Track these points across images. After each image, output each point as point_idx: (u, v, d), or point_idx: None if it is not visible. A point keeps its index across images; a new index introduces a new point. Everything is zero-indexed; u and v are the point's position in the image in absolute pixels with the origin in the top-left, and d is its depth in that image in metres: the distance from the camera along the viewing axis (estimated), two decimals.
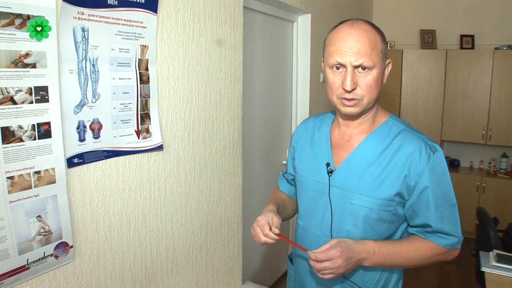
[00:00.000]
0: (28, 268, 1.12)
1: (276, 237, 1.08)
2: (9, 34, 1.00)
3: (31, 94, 1.07)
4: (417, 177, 1.04)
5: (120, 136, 1.37)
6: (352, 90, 1.01)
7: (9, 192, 1.05)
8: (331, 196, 1.13)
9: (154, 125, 1.49)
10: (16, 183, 1.06)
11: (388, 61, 1.09)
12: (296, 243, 1.23)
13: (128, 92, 1.38)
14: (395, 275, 1.19)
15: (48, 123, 1.12)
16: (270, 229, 1.09)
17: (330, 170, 1.13)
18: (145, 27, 1.40)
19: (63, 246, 1.21)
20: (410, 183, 1.05)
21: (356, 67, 1.00)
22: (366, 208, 1.08)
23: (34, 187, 1.11)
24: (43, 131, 1.11)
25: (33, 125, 1.08)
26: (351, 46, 0.99)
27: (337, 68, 1.03)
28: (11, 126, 1.04)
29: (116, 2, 1.28)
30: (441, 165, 1.06)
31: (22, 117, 1.06)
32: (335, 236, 1.12)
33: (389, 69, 1.10)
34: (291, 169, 1.33)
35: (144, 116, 1.45)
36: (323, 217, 1.15)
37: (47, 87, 1.10)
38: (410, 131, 1.09)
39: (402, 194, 1.06)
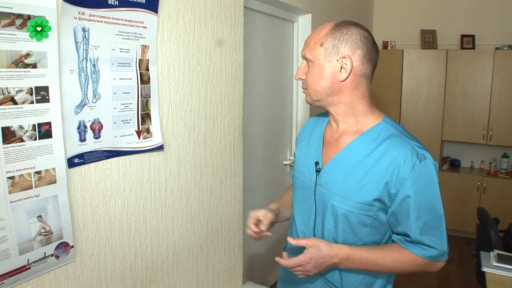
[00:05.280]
0: (29, 268, 1.12)
1: (256, 229, 1.21)
2: (10, 34, 1.00)
3: (31, 94, 1.07)
4: (399, 184, 1.01)
5: (120, 136, 1.37)
6: (299, 79, 1.13)
7: (9, 192, 1.05)
8: (316, 195, 1.15)
9: (154, 125, 1.49)
10: (16, 183, 1.06)
11: (340, 56, 1.04)
12: (288, 236, 1.28)
13: (129, 92, 1.38)
14: (380, 279, 1.16)
15: (49, 123, 1.12)
16: (260, 223, 1.21)
17: (318, 169, 1.15)
18: (146, 27, 1.40)
19: (64, 246, 1.21)
20: (392, 190, 1.02)
21: (305, 59, 1.12)
22: (345, 210, 1.08)
23: (35, 187, 1.11)
24: (44, 131, 1.11)
25: (34, 125, 1.08)
26: (306, 40, 1.13)
27: None
28: (12, 126, 1.04)
29: (117, 2, 1.28)
30: (429, 174, 1.01)
31: (23, 117, 1.06)
32: (318, 234, 1.15)
33: (348, 64, 1.04)
34: None
35: (144, 116, 1.45)
36: (309, 215, 1.18)
37: (47, 87, 1.10)
38: (399, 136, 1.06)
39: (383, 200, 1.04)
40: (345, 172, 1.09)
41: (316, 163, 1.15)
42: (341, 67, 1.05)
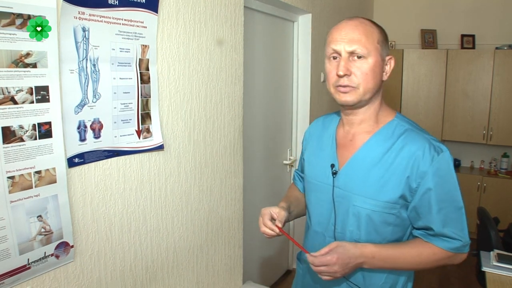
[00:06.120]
0: (29, 268, 1.12)
1: (275, 229, 1.11)
2: (10, 34, 1.00)
3: (31, 94, 1.07)
4: (419, 178, 1.02)
5: (120, 136, 1.37)
6: (345, 75, 1.02)
7: (9, 192, 1.05)
8: (334, 198, 1.12)
9: (154, 125, 1.49)
10: (16, 183, 1.06)
11: (389, 57, 1.08)
12: (303, 243, 1.23)
13: (129, 92, 1.38)
14: (403, 278, 1.16)
15: (49, 123, 1.12)
16: (272, 221, 1.13)
17: (334, 171, 1.13)
18: (146, 27, 1.40)
19: (64, 246, 1.21)
20: (413, 184, 1.03)
21: (350, 54, 1.02)
22: (368, 210, 1.06)
23: (35, 187, 1.11)
24: (44, 131, 1.11)
25: (34, 125, 1.08)
26: (346, 33, 1.03)
27: (334, 58, 1.05)
28: (12, 126, 1.04)
29: (117, 2, 1.28)
30: (447, 166, 1.02)
31: (23, 117, 1.06)
32: (339, 237, 1.12)
33: (391, 66, 1.09)
34: (302, 169, 1.35)
35: (144, 116, 1.45)
36: (328, 218, 1.15)
37: (47, 87, 1.10)
38: (414, 131, 1.07)
39: (405, 196, 1.04)
40: (365, 171, 1.07)
41: (332, 165, 1.13)
42: (385, 66, 1.08)
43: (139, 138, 1.44)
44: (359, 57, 1.02)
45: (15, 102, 1.04)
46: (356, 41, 1.01)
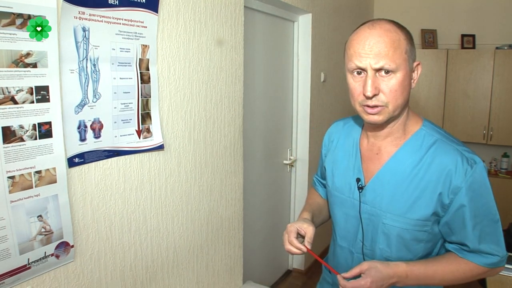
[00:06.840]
0: (29, 267, 1.12)
1: (303, 248, 1.04)
2: (10, 34, 1.00)
3: (32, 93, 1.07)
4: (452, 194, 0.95)
5: (121, 135, 1.37)
6: (374, 96, 0.92)
7: (10, 192, 1.05)
8: (361, 214, 1.07)
9: (155, 124, 1.49)
10: (17, 183, 1.06)
11: (416, 63, 0.98)
12: (328, 257, 1.19)
13: (129, 92, 1.38)
14: None
15: (49, 123, 1.12)
16: (297, 238, 1.06)
17: (360, 186, 1.07)
18: (146, 27, 1.40)
19: (64, 246, 1.21)
20: (445, 201, 0.96)
21: (377, 70, 0.92)
22: (399, 228, 1.01)
23: (35, 186, 1.11)
24: (44, 130, 1.11)
25: (34, 124, 1.08)
26: (371, 47, 0.91)
27: (358, 73, 0.95)
28: (12, 126, 1.04)
29: (117, 2, 1.28)
30: (481, 179, 0.95)
31: (23, 116, 1.06)
32: (368, 254, 1.08)
33: (419, 72, 0.99)
34: (322, 175, 1.29)
35: (145, 116, 1.45)
36: (355, 234, 1.10)
37: (48, 86, 1.10)
38: (445, 142, 0.99)
39: (437, 212, 0.98)
40: (393, 187, 1.01)
41: (358, 180, 1.07)
42: (413, 73, 0.99)
43: (139, 138, 1.44)
44: (386, 72, 0.92)
45: (15, 102, 1.04)
46: (383, 56, 0.90)
